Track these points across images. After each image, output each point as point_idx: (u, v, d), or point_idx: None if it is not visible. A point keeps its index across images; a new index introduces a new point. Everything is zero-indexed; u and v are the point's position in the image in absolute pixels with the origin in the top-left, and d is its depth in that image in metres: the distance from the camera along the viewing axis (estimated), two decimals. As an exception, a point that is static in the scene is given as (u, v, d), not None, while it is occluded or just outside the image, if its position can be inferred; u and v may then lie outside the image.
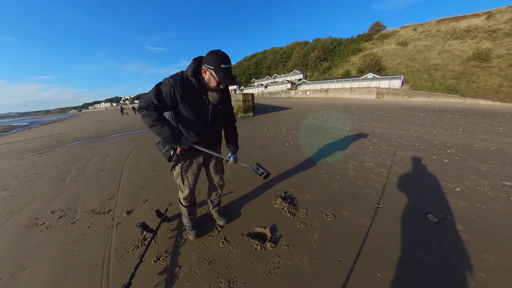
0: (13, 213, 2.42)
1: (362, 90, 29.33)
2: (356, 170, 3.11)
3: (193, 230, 1.79)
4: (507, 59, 24.41)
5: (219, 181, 1.78)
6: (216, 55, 1.19)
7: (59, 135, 9.67)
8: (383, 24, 46.99)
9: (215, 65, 1.18)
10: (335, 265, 1.46)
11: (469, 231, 1.74)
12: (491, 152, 3.86)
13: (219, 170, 1.76)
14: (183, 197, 1.66)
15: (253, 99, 11.18)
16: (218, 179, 1.77)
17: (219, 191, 1.88)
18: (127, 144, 6.01)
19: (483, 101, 20.29)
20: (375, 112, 10.85)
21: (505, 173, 2.90)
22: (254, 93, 12.75)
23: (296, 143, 4.84)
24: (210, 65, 1.20)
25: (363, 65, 35.66)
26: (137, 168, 3.75)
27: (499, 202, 2.17)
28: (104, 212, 2.31)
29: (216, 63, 1.18)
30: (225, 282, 1.36)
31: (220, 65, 1.18)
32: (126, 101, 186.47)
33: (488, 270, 1.38)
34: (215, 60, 1.18)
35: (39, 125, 21.33)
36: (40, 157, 5.25)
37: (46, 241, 1.88)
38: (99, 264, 1.57)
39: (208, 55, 1.21)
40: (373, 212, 2.04)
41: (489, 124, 7.08)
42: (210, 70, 1.21)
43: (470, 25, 32.38)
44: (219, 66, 1.18)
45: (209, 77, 1.25)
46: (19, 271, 1.55)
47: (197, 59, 1.30)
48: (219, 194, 1.91)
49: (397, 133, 5.61)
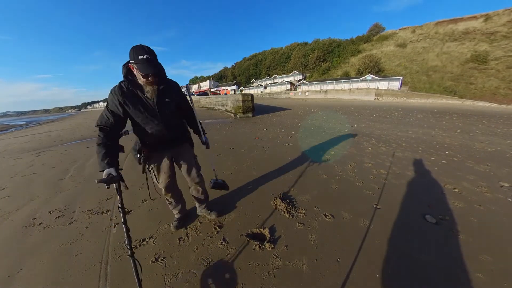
0: (10, 213, 2.40)
1: (361, 91, 29.42)
2: (355, 171, 3.12)
3: (175, 221, 1.91)
4: (504, 61, 24.60)
5: (195, 177, 1.81)
6: (134, 49, 1.19)
7: (57, 135, 9.62)
8: (382, 26, 47.32)
9: (135, 58, 1.19)
10: (334, 266, 1.46)
11: (467, 232, 1.75)
12: (489, 154, 3.88)
13: (192, 166, 1.78)
14: (164, 194, 1.77)
15: (252, 100, 11.18)
16: (193, 176, 1.80)
17: (199, 188, 1.90)
18: (126, 144, 5.93)
19: (481, 102, 20.43)
20: (374, 113, 10.88)
21: (503, 174, 2.92)
22: (253, 93, 12.76)
23: (295, 143, 4.84)
24: (132, 60, 1.21)
25: (362, 66, 35.77)
26: (136, 168, 3.74)
27: (496, 203, 2.19)
28: (102, 212, 2.29)
29: (134, 56, 1.18)
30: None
31: (138, 56, 1.18)
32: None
33: (486, 271, 1.38)
34: (133, 53, 1.19)
35: (37, 125, 21.20)
36: (38, 156, 5.22)
37: (43, 241, 1.87)
38: (96, 264, 1.56)
39: (129, 53, 1.21)
40: (372, 213, 2.04)
41: (487, 126, 7.13)
42: (133, 65, 1.22)
43: (468, 27, 32.62)
44: (137, 58, 1.18)
45: (136, 72, 1.25)
46: (16, 272, 1.53)
47: (126, 64, 1.30)
48: (201, 190, 1.93)
49: (395, 134, 5.63)
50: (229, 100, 12.81)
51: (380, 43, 42.69)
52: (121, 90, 1.29)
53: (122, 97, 1.28)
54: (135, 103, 1.33)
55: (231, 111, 12.23)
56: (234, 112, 11.57)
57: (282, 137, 5.56)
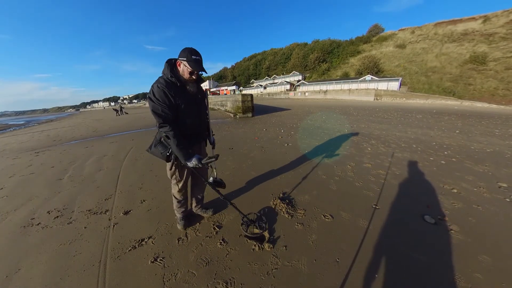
0: (8, 213, 2.39)
1: (361, 91, 29.48)
2: (354, 171, 3.12)
3: (182, 220, 1.92)
4: (503, 62, 24.72)
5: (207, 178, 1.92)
6: (188, 49, 1.40)
7: (56, 134, 9.59)
8: (382, 27, 47.46)
9: (187, 57, 1.38)
10: (333, 266, 1.46)
11: (465, 232, 1.76)
12: (488, 154, 3.90)
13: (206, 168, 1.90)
14: (177, 191, 1.77)
15: (252, 100, 11.19)
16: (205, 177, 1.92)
17: (201, 188, 2.01)
18: (125, 143, 5.97)
19: (479, 103, 20.51)
20: (373, 114, 10.91)
21: (501, 175, 2.93)
22: (253, 93, 12.77)
23: (294, 144, 4.85)
24: (183, 58, 1.39)
25: (362, 67, 35.86)
26: (135, 168, 3.73)
27: (495, 204, 2.19)
28: (101, 212, 2.29)
29: (188, 55, 1.38)
30: (222, 283, 1.35)
31: (192, 56, 1.38)
32: (124, 101, 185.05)
33: (484, 271, 1.39)
34: (187, 53, 1.38)
35: (36, 124, 21.13)
36: (37, 156, 5.20)
37: (42, 241, 1.86)
38: (95, 264, 1.56)
39: (181, 52, 1.42)
40: (371, 213, 2.05)
41: (486, 126, 7.15)
42: (183, 62, 1.40)
43: (467, 28, 32.76)
44: (191, 57, 1.38)
45: (183, 68, 1.43)
46: (14, 272, 1.53)
47: (169, 61, 1.46)
48: (203, 190, 2.04)
49: (395, 135, 5.64)
50: (229, 100, 12.81)
51: (379, 43, 42.82)
52: (171, 84, 1.41)
53: (173, 91, 1.40)
54: (182, 97, 1.45)
55: (230, 111, 12.23)
56: (233, 112, 11.57)
57: (281, 137, 5.57)
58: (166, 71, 1.43)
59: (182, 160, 1.46)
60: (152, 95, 1.40)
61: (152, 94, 1.40)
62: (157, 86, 1.40)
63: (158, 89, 1.38)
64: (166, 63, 1.46)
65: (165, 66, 1.45)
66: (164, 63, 1.47)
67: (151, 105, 1.40)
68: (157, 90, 1.38)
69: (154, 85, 1.42)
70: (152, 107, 1.40)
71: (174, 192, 1.81)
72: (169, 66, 1.44)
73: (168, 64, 1.44)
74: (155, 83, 1.43)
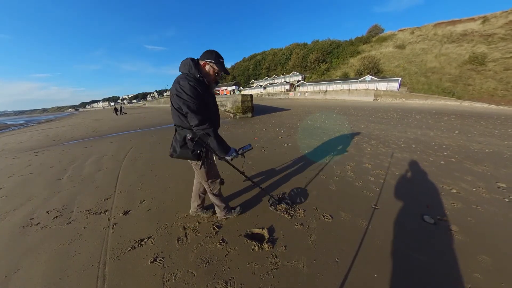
0: (7, 213, 2.39)
1: (360, 92, 29.52)
2: (354, 171, 3.12)
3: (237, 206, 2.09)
4: (502, 63, 24.79)
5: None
6: (215, 52, 1.48)
7: (56, 134, 9.57)
8: (381, 27, 47.53)
9: (215, 59, 1.45)
10: (333, 266, 1.46)
11: (465, 232, 1.76)
12: (487, 154, 3.91)
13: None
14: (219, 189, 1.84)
15: (251, 100, 11.19)
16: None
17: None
18: (124, 143, 5.97)
19: (478, 104, 20.57)
20: (373, 114, 10.92)
21: (500, 175, 2.94)
22: (253, 94, 12.77)
23: (294, 144, 4.85)
24: (211, 59, 1.45)
25: (362, 67, 35.90)
26: (135, 168, 3.73)
27: (494, 204, 2.20)
28: (101, 212, 2.28)
29: (216, 57, 1.46)
30: (222, 283, 1.35)
31: (219, 59, 1.47)
32: (124, 101, 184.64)
33: (484, 271, 1.39)
34: (214, 55, 1.46)
35: (35, 124, 21.08)
36: (36, 156, 5.19)
37: (41, 241, 1.85)
38: (94, 265, 1.55)
39: (207, 53, 1.47)
40: (370, 213, 2.05)
41: (485, 127, 7.17)
42: (210, 63, 1.46)
43: (466, 29, 32.85)
44: (218, 59, 1.46)
45: (209, 69, 1.48)
46: (13, 272, 1.52)
47: (194, 60, 1.47)
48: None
49: (394, 135, 5.65)
50: (229, 100, 12.80)
51: (379, 44, 42.88)
52: (199, 84, 1.42)
53: (203, 89, 1.42)
54: (208, 95, 1.50)
55: (230, 111, 12.23)
56: (233, 112, 11.57)
57: (281, 137, 5.57)
58: (193, 70, 1.41)
59: (223, 154, 1.54)
60: (184, 93, 1.35)
61: (184, 91, 1.35)
62: (188, 83, 1.35)
63: (191, 86, 1.34)
64: (191, 62, 1.43)
65: (190, 64, 1.42)
66: (187, 62, 1.44)
67: (185, 104, 1.35)
68: (190, 87, 1.34)
69: (183, 83, 1.36)
70: (186, 105, 1.35)
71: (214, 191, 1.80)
72: (197, 65, 1.43)
73: (194, 63, 1.43)
74: (184, 80, 1.37)
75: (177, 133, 1.55)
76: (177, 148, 1.53)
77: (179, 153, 1.53)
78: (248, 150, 1.74)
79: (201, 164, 1.56)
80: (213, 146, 1.50)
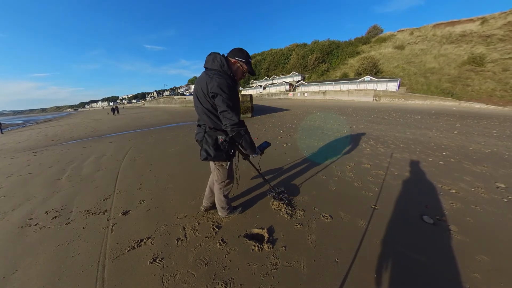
0: (5, 213, 2.37)
1: (360, 92, 29.58)
2: (353, 171, 3.13)
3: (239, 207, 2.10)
4: (500, 63, 24.90)
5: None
6: (245, 51, 1.47)
7: (55, 134, 9.54)
8: (381, 28, 47.67)
9: (246, 58, 1.45)
10: (332, 266, 1.46)
11: (463, 233, 1.76)
12: (486, 155, 3.92)
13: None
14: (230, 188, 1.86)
15: (251, 100, 11.19)
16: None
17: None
18: (124, 143, 5.95)
19: (477, 104, 20.66)
20: (372, 114, 10.94)
21: (499, 175, 2.95)
22: (252, 94, 12.77)
23: (294, 144, 4.85)
24: (241, 58, 1.44)
25: (361, 67, 35.98)
26: (134, 168, 3.72)
27: (493, 204, 2.21)
28: (100, 212, 2.27)
29: (246, 57, 1.45)
30: (222, 283, 1.35)
31: (249, 58, 1.47)
32: (123, 100, 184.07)
33: (482, 270, 1.39)
34: (245, 54, 1.46)
35: (34, 124, 21.01)
36: (35, 156, 5.17)
37: (40, 242, 1.84)
38: (93, 265, 1.55)
39: (237, 51, 1.45)
40: (369, 213, 2.05)
41: (484, 127, 7.20)
42: (241, 62, 1.45)
43: (465, 30, 32.97)
44: (248, 59, 1.46)
45: (237, 68, 1.47)
46: (11, 273, 1.51)
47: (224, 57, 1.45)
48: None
49: (393, 135, 5.66)
50: (228, 100, 12.76)
51: (378, 44, 43.00)
52: (235, 82, 1.44)
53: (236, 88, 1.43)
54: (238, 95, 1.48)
55: (230, 111, 12.19)
56: (233, 113, 11.54)
57: (280, 138, 5.57)
58: (226, 67, 1.37)
59: (252, 152, 1.57)
60: (223, 91, 1.29)
61: (223, 89, 1.29)
62: (226, 81, 1.30)
63: (228, 84, 1.31)
64: (223, 58, 1.38)
65: (222, 61, 1.37)
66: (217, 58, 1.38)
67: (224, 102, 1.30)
68: (228, 85, 1.30)
69: (221, 81, 1.29)
70: (226, 104, 1.30)
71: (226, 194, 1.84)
72: (227, 63, 1.39)
73: (226, 60, 1.39)
74: (221, 78, 1.31)
75: (206, 135, 1.49)
76: (211, 151, 1.48)
77: (214, 157, 1.49)
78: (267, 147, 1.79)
79: (229, 164, 1.60)
80: (245, 145, 1.51)
